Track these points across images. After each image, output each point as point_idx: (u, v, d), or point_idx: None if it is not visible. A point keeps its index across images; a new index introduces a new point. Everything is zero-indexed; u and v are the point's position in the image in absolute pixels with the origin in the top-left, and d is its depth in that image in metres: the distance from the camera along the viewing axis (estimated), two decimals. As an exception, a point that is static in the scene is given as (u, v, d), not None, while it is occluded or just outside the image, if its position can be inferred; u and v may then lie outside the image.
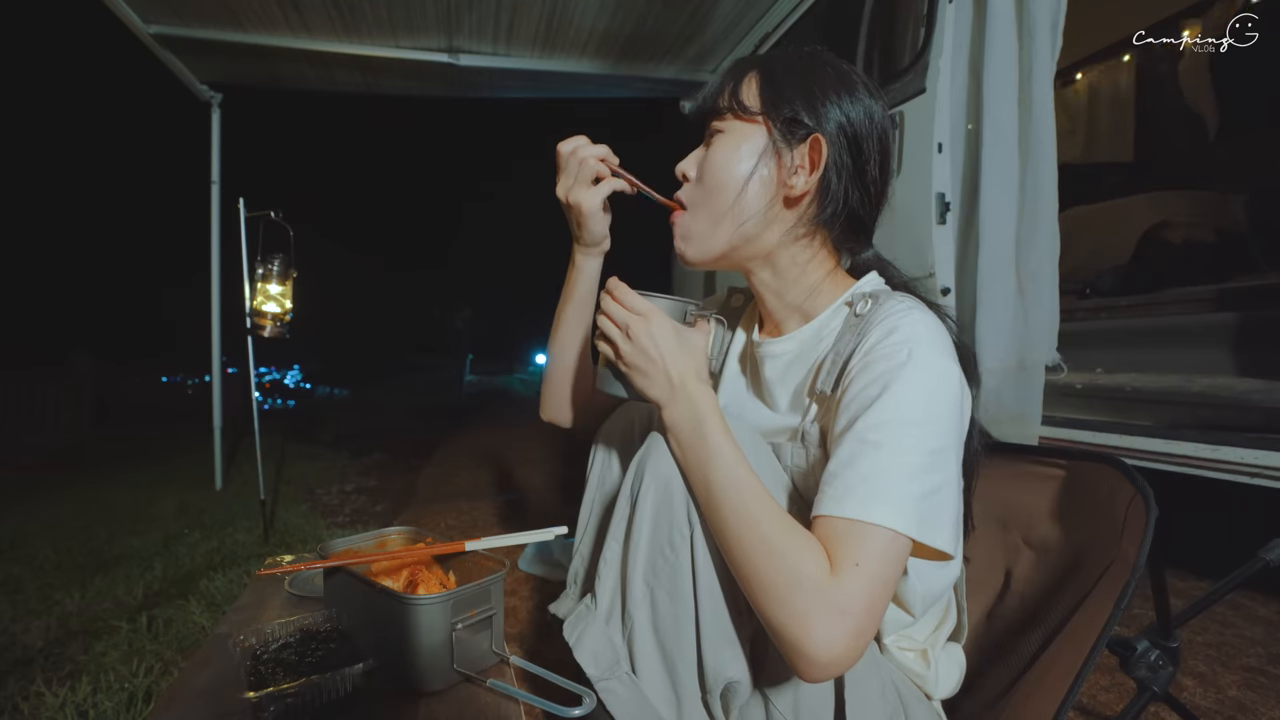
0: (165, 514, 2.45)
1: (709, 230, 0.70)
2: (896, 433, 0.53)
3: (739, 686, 0.59)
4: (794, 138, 0.66)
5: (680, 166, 0.73)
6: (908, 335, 0.58)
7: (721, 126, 0.69)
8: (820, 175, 0.66)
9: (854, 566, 0.50)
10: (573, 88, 3.28)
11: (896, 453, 0.53)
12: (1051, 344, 1.33)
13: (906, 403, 0.55)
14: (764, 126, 0.67)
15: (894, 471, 0.52)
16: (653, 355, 0.62)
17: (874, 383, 0.56)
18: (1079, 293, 2.16)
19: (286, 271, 2.23)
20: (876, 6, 1.75)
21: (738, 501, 0.55)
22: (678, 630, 0.60)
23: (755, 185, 0.67)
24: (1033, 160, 1.30)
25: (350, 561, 0.83)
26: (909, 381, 0.55)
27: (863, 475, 0.53)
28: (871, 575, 0.50)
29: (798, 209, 0.69)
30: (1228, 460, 1.10)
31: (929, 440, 0.54)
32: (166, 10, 2.45)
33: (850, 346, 0.62)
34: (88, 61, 59.76)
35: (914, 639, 0.69)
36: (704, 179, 0.70)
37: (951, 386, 0.58)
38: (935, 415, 0.55)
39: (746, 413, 0.77)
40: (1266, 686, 1.04)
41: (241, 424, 3.51)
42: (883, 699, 0.60)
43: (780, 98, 0.67)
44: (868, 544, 0.51)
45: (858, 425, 0.55)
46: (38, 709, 1.00)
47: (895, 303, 0.62)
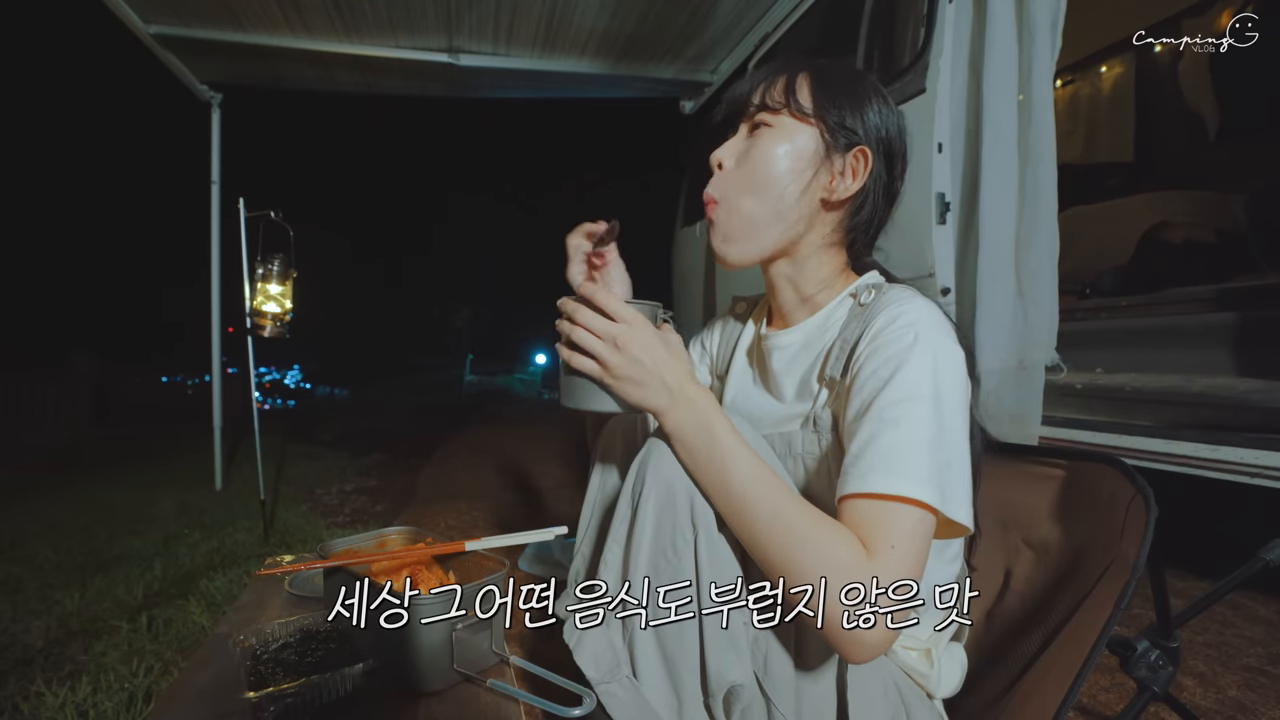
0: (165, 514, 2.45)
1: (755, 230, 0.70)
2: (911, 409, 0.55)
3: (742, 690, 0.59)
4: (841, 144, 0.68)
5: (717, 154, 0.72)
6: (913, 319, 0.60)
7: (771, 121, 0.69)
8: (862, 184, 0.69)
9: (890, 549, 0.51)
10: (573, 88, 3.28)
11: (914, 426, 0.54)
12: (1051, 344, 1.33)
13: (917, 381, 0.56)
14: (817, 129, 0.68)
15: (914, 446, 0.54)
16: (647, 364, 0.60)
17: (885, 365, 0.58)
18: (1079, 293, 2.16)
19: (286, 271, 2.23)
20: (876, 6, 1.75)
21: (761, 495, 0.55)
22: (680, 634, 0.60)
23: (803, 184, 0.68)
24: (1033, 160, 1.30)
25: (350, 561, 0.83)
26: (917, 361, 0.57)
27: (884, 452, 0.54)
28: (907, 555, 0.51)
29: (836, 214, 0.71)
30: (1228, 460, 1.10)
31: (941, 416, 0.56)
32: (166, 10, 2.45)
33: (857, 333, 0.64)
34: (88, 61, 59.82)
35: (918, 638, 0.70)
36: (750, 169, 0.69)
37: (957, 366, 0.60)
38: (945, 392, 0.57)
39: (754, 405, 0.78)
40: (1266, 686, 1.04)
41: (241, 424, 3.50)
42: (885, 699, 0.60)
43: (833, 103, 0.68)
44: (899, 523, 0.52)
45: (873, 406, 0.57)
46: (38, 709, 1.00)
47: (897, 292, 0.65)
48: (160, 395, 9.25)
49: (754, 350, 0.83)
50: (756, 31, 2.59)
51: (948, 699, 0.73)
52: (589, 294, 0.63)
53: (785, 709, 0.59)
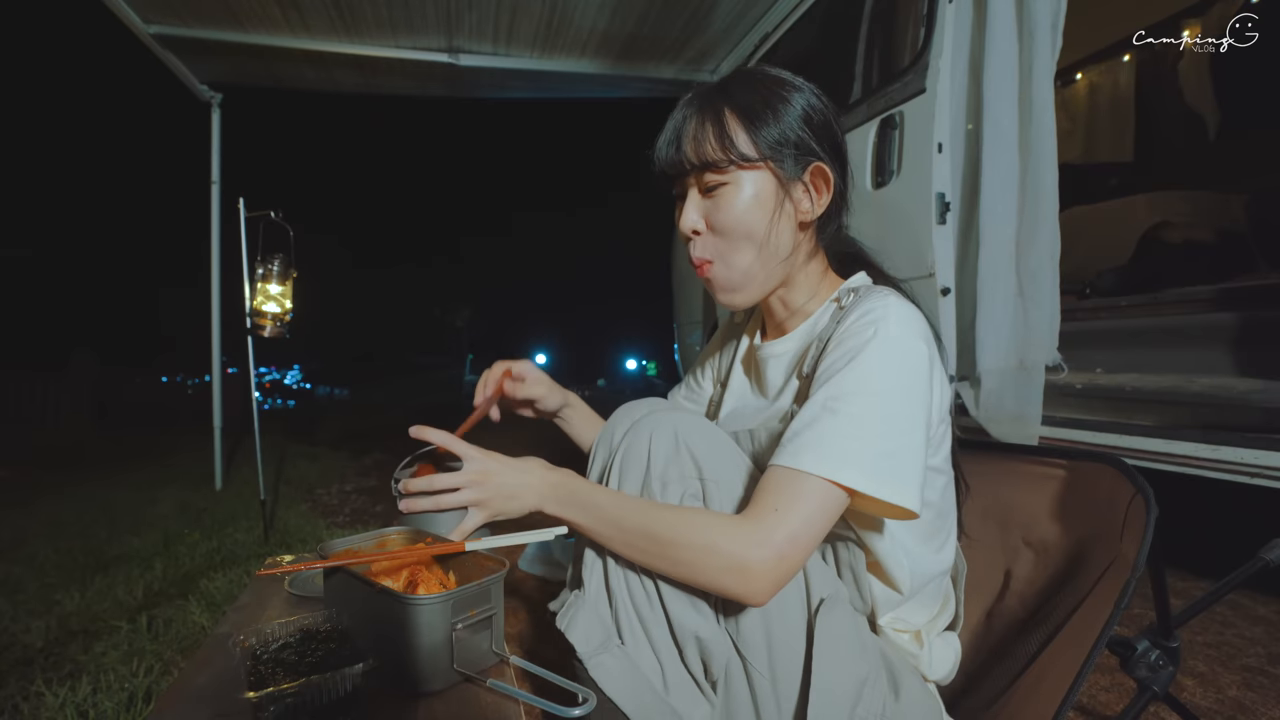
0: (165, 514, 2.45)
1: (751, 278, 0.72)
2: (855, 402, 0.58)
3: (711, 645, 0.62)
4: (796, 171, 0.69)
5: (685, 225, 0.72)
6: (876, 316, 0.62)
7: (723, 180, 0.68)
8: (831, 196, 0.70)
9: (773, 512, 0.56)
10: (573, 88, 3.28)
11: (851, 420, 0.57)
12: (1052, 344, 1.33)
13: (868, 374, 0.59)
14: (768, 170, 0.68)
15: (846, 436, 0.57)
16: (510, 480, 0.68)
17: (842, 357, 0.61)
18: (1079, 293, 2.16)
19: (286, 271, 2.23)
20: (876, 6, 1.75)
21: (638, 521, 0.62)
22: (645, 594, 0.64)
23: (780, 225, 0.69)
24: (1033, 160, 1.30)
25: (350, 561, 0.83)
26: (872, 354, 0.60)
27: (815, 436, 0.58)
28: (789, 519, 0.55)
29: (811, 229, 0.73)
30: (1228, 460, 1.10)
31: (889, 409, 0.58)
32: (166, 10, 2.45)
33: (829, 332, 0.67)
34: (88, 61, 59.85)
35: (909, 622, 0.72)
36: (725, 232, 0.70)
37: (917, 363, 0.61)
38: (897, 387, 0.59)
39: (752, 413, 0.80)
40: (1266, 686, 1.04)
41: (241, 424, 3.50)
42: (860, 659, 0.61)
43: (773, 137, 0.67)
44: (791, 489, 0.56)
45: (819, 393, 0.60)
46: (38, 709, 1.00)
47: (873, 293, 0.67)
48: (160, 395, 9.26)
49: (750, 361, 0.86)
50: (756, 31, 2.58)
51: (943, 690, 0.73)
52: (442, 443, 0.71)
53: (760, 666, 0.62)
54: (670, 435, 0.67)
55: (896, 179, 1.52)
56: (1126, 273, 2.18)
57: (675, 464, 0.66)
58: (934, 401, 0.63)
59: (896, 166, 1.52)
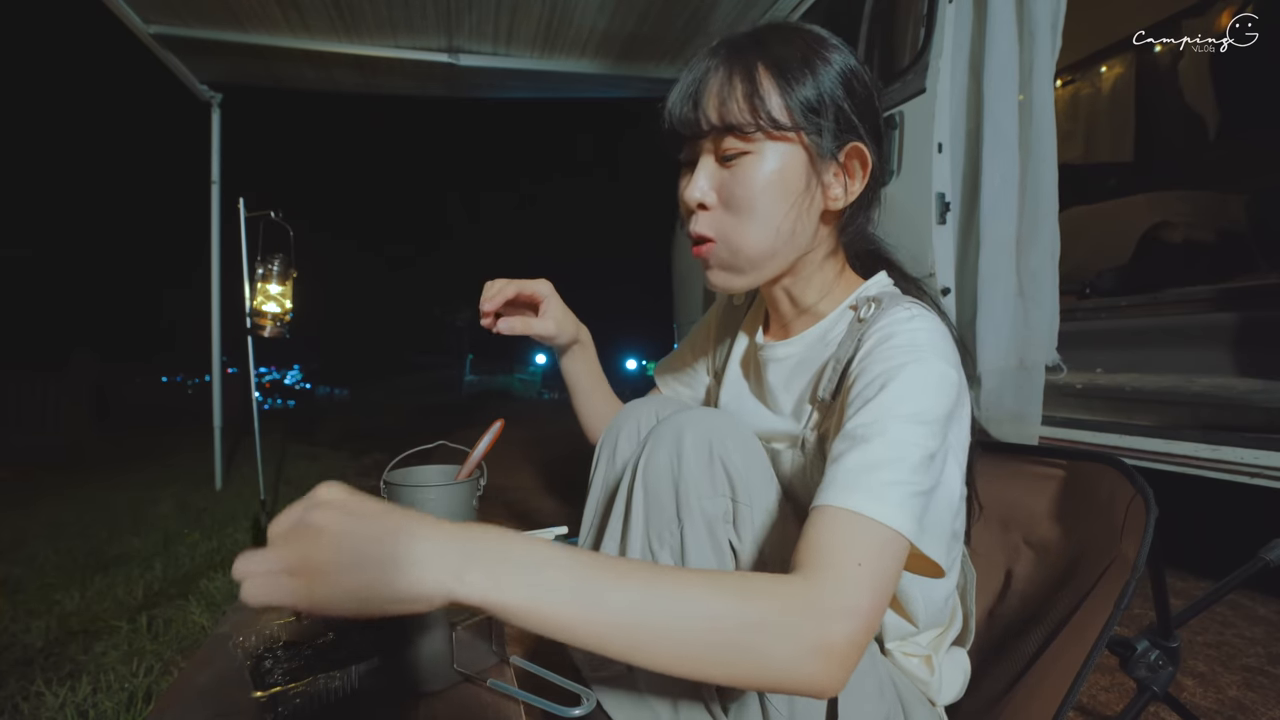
0: (165, 514, 2.45)
1: (756, 266, 0.63)
2: (889, 428, 0.50)
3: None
4: (831, 147, 0.59)
5: (693, 194, 0.61)
6: (906, 341, 0.55)
7: (746, 148, 0.58)
8: (865, 184, 0.61)
9: (856, 567, 0.43)
10: (573, 88, 3.28)
11: (889, 447, 0.49)
12: (1052, 344, 1.33)
13: (900, 401, 0.51)
14: (799, 143, 0.59)
15: (888, 465, 0.48)
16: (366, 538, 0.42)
17: (870, 385, 0.53)
18: (1079, 293, 2.16)
19: (286, 271, 2.23)
20: (876, 6, 1.75)
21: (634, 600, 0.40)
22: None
23: (803, 210, 0.60)
24: (1033, 160, 1.30)
25: (350, 561, 0.83)
26: (904, 382, 0.52)
27: (857, 468, 0.48)
28: (879, 573, 0.44)
29: (835, 221, 0.64)
30: (1228, 460, 1.10)
31: (924, 440, 0.50)
32: (166, 10, 2.45)
33: (850, 353, 0.60)
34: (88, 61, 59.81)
35: (919, 645, 0.69)
36: (738, 209, 0.60)
37: (948, 390, 0.54)
38: (929, 416, 0.52)
39: (748, 415, 0.75)
40: (1266, 686, 1.04)
41: (241, 424, 3.50)
42: (880, 698, 0.60)
43: (810, 104, 0.58)
44: (868, 540, 0.45)
45: (849, 424, 0.52)
46: (38, 709, 1.00)
47: (899, 309, 0.59)
48: (160, 395, 9.27)
49: (749, 359, 0.78)
50: (756, 31, 2.59)
51: (949, 703, 0.73)
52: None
53: (779, 704, 0.58)
54: (704, 440, 0.59)
55: (896, 179, 1.52)
56: (1126, 273, 2.19)
57: (707, 476, 0.58)
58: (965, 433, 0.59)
59: (896, 166, 1.52)
